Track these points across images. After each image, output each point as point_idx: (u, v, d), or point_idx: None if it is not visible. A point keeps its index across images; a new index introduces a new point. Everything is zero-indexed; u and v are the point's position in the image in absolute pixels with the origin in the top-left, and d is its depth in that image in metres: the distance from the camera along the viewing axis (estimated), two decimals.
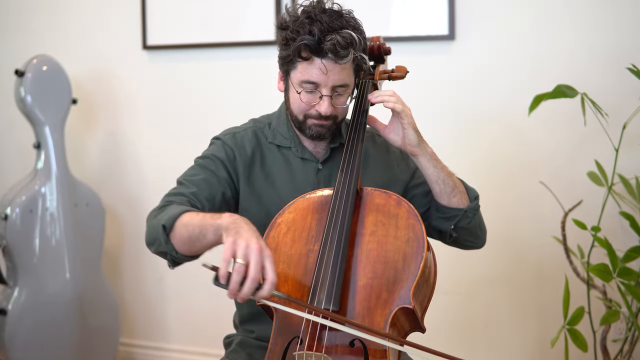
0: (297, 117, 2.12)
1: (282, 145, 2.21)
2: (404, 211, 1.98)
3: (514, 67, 3.30)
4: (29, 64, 3.64)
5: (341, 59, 2.00)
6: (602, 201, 2.84)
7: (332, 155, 2.21)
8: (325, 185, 2.17)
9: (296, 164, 2.20)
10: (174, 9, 3.81)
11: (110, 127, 4.03)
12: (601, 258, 2.88)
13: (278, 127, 2.23)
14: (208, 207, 2.08)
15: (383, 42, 2.27)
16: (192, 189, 2.09)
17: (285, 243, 1.98)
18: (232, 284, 1.66)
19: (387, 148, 2.29)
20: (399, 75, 2.25)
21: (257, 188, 2.19)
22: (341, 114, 2.12)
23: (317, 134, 2.11)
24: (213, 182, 2.12)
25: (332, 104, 2.07)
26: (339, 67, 2.02)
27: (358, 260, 1.92)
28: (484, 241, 2.30)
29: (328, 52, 1.99)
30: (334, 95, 2.06)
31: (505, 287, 3.39)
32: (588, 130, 2.97)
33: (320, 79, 2.03)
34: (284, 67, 2.11)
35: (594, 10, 3.18)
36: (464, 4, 3.34)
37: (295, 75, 2.07)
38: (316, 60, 2.02)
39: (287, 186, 2.18)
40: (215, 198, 2.11)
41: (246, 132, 2.23)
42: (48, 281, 3.63)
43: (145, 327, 4.05)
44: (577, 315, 2.76)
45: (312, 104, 2.07)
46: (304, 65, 2.04)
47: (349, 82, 2.07)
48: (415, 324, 1.95)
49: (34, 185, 3.63)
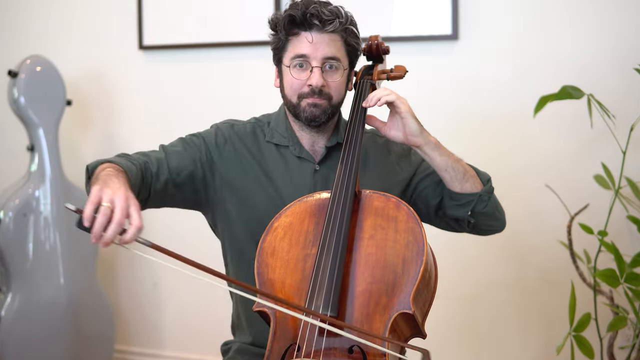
0: (291, 100, 2.15)
1: (279, 144, 2.23)
2: (404, 214, 1.97)
3: (519, 68, 3.30)
4: (22, 64, 3.64)
5: (327, 25, 2.08)
6: (609, 205, 2.84)
7: (330, 154, 2.22)
8: (322, 187, 2.18)
9: (293, 164, 2.21)
10: (171, 8, 3.80)
11: (106, 129, 4.02)
12: (608, 263, 2.87)
13: (277, 126, 2.25)
14: (169, 177, 2.14)
15: (381, 42, 2.28)
16: (160, 154, 2.18)
17: (282, 247, 1.98)
18: (97, 225, 1.66)
19: (388, 148, 2.29)
20: (398, 75, 2.26)
21: (256, 184, 2.21)
22: (336, 94, 2.15)
23: (311, 115, 2.13)
24: (185, 157, 2.19)
25: (324, 78, 2.11)
26: (326, 38, 2.10)
27: (356, 264, 1.92)
28: (504, 223, 2.29)
29: (313, 18, 2.08)
30: (325, 69, 2.12)
31: (510, 293, 3.38)
32: (595, 132, 2.96)
33: (308, 50, 2.10)
34: (277, 55, 2.19)
35: (601, 10, 3.18)
36: (467, 3, 3.33)
37: (286, 57, 2.14)
38: (303, 33, 2.11)
39: (286, 186, 2.19)
40: (180, 172, 2.17)
41: (245, 126, 2.29)
42: (42, 287, 3.62)
43: (140, 334, 4.05)
44: (583, 322, 2.74)
45: (304, 79, 2.12)
46: (292, 43, 2.13)
47: (339, 55, 2.13)
48: (415, 329, 1.95)
49: (27, 189, 3.62)
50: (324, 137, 2.22)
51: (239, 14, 3.69)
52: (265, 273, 1.97)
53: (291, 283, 1.93)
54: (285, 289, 1.93)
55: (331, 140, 2.22)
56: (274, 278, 1.96)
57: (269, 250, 1.99)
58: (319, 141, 2.22)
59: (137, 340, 4.06)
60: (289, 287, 1.93)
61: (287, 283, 1.93)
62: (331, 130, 2.23)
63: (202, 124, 3.74)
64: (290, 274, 1.94)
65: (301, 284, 1.92)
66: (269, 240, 2.00)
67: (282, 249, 1.98)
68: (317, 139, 2.22)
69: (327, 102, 2.13)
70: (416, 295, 1.88)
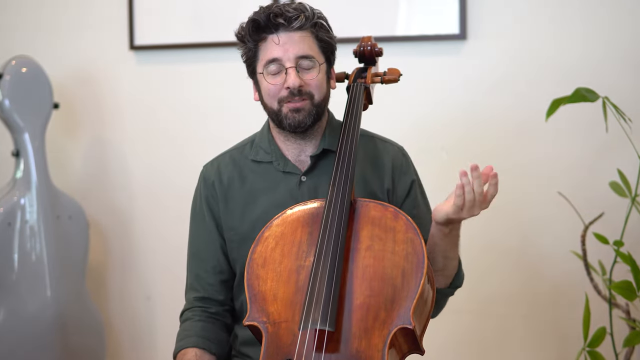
0: (272, 107, 2.16)
1: (263, 160, 2.25)
2: (402, 224, 1.97)
3: (530, 69, 3.30)
4: (7, 65, 3.63)
5: (292, 22, 2.10)
6: (625, 213, 2.83)
7: (317, 164, 2.22)
8: (311, 197, 2.18)
9: (278, 179, 2.22)
10: (164, 6, 3.80)
11: (95, 134, 4.02)
12: (624, 275, 2.86)
13: (260, 142, 2.28)
14: (218, 271, 2.28)
15: (375, 43, 2.32)
16: (201, 275, 2.29)
17: (274, 259, 1.98)
18: None
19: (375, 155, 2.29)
20: (392, 79, 2.29)
21: (238, 207, 2.24)
22: (317, 92, 2.15)
23: (294, 121, 2.13)
24: (210, 242, 2.29)
25: (300, 77, 2.11)
26: (296, 37, 2.11)
27: (353, 276, 1.91)
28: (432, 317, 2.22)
29: (277, 18, 2.10)
30: (299, 69, 2.12)
31: (521, 306, 3.37)
32: (610, 136, 2.95)
33: (279, 52, 2.11)
34: (250, 67, 2.22)
35: (616, 9, 3.19)
36: (476, 2, 3.33)
37: (259, 65, 2.16)
38: (270, 36, 2.13)
39: (268, 202, 2.21)
40: (219, 259, 2.27)
41: (224, 156, 2.34)
42: (28, 299, 3.61)
43: (132, 348, 4.04)
44: (598, 336, 2.74)
45: (280, 83, 2.12)
46: (262, 49, 2.15)
47: (312, 53, 2.13)
48: (413, 345, 1.94)
49: (12, 196, 3.61)
50: (312, 143, 2.22)
51: (236, 12, 3.66)
52: (255, 285, 1.97)
53: (284, 296, 1.93)
54: (277, 302, 1.93)
55: (318, 148, 2.22)
56: (265, 290, 1.96)
57: (259, 261, 1.99)
58: (306, 149, 2.23)
59: (128, 356, 4.05)
60: (281, 300, 1.92)
61: (279, 296, 1.93)
62: (319, 135, 2.23)
63: (197, 128, 3.78)
64: (283, 286, 1.94)
65: (295, 297, 1.91)
66: (260, 250, 2.01)
67: (274, 260, 1.98)
68: (305, 147, 2.22)
69: (309, 103, 2.13)
70: (416, 309, 1.87)
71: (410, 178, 2.29)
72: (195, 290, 2.29)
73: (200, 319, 2.25)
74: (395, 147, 2.33)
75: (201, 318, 2.25)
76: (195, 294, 2.29)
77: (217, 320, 2.26)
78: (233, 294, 2.31)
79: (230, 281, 2.29)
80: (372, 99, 2.32)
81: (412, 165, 2.34)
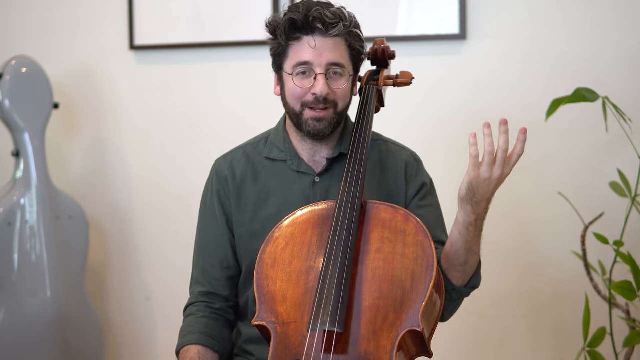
0: (293, 109, 2.15)
1: (277, 159, 2.25)
2: (412, 227, 1.98)
3: (530, 69, 3.31)
4: (7, 65, 3.63)
5: (330, 29, 2.07)
6: (625, 213, 2.85)
7: (331, 166, 2.23)
8: (323, 199, 2.18)
9: (291, 178, 2.23)
10: (164, 6, 3.80)
11: (95, 134, 4.02)
12: (624, 275, 2.88)
13: (275, 140, 2.27)
14: (225, 266, 2.27)
15: (387, 46, 2.29)
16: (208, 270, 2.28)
17: (284, 259, 2.00)
18: None
19: (388, 159, 2.29)
20: (405, 82, 2.28)
21: (250, 204, 2.24)
22: (342, 102, 2.15)
23: (314, 129, 2.13)
24: (219, 236, 2.28)
25: (328, 85, 2.10)
26: (330, 43, 2.09)
27: (363, 278, 1.93)
28: (444, 319, 2.22)
29: (316, 22, 2.06)
30: (329, 76, 2.10)
31: (521, 306, 3.39)
32: (610, 137, 2.97)
33: (312, 56, 2.09)
34: (277, 62, 2.18)
35: (616, 9, 3.20)
36: (476, 2, 3.35)
37: (287, 64, 2.13)
38: (305, 38, 2.09)
39: (281, 201, 2.21)
40: (227, 254, 2.27)
41: (237, 152, 2.32)
42: (27, 300, 3.61)
43: (132, 350, 4.04)
44: (598, 337, 2.75)
45: (307, 87, 2.11)
46: (294, 49, 2.11)
47: (343, 62, 2.12)
48: (422, 348, 1.96)
49: (12, 197, 3.62)
50: (327, 146, 2.23)
51: (238, 12, 3.68)
52: (265, 285, 1.99)
53: (293, 297, 1.94)
54: (286, 302, 1.94)
55: (334, 152, 2.22)
56: (275, 290, 1.97)
57: (269, 261, 2.00)
58: (321, 151, 2.23)
59: (128, 356, 4.05)
60: (290, 300, 1.94)
61: (288, 296, 1.95)
62: (335, 140, 2.24)
63: (197, 128, 3.79)
64: (293, 287, 1.96)
65: (304, 298, 1.93)
66: (270, 251, 2.02)
67: (284, 261, 1.99)
68: (320, 148, 2.23)
69: (332, 111, 2.13)
70: (425, 312, 1.89)
71: (421, 180, 2.29)
72: (201, 285, 2.29)
73: (204, 315, 2.24)
74: (408, 152, 2.33)
75: (205, 314, 2.25)
76: (200, 288, 2.29)
77: (220, 316, 2.26)
78: (238, 291, 2.31)
79: (237, 277, 2.29)
80: (384, 101, 2.33)
81: (424, 170, 2.33)
